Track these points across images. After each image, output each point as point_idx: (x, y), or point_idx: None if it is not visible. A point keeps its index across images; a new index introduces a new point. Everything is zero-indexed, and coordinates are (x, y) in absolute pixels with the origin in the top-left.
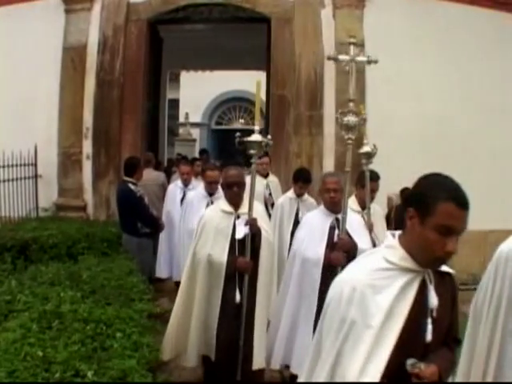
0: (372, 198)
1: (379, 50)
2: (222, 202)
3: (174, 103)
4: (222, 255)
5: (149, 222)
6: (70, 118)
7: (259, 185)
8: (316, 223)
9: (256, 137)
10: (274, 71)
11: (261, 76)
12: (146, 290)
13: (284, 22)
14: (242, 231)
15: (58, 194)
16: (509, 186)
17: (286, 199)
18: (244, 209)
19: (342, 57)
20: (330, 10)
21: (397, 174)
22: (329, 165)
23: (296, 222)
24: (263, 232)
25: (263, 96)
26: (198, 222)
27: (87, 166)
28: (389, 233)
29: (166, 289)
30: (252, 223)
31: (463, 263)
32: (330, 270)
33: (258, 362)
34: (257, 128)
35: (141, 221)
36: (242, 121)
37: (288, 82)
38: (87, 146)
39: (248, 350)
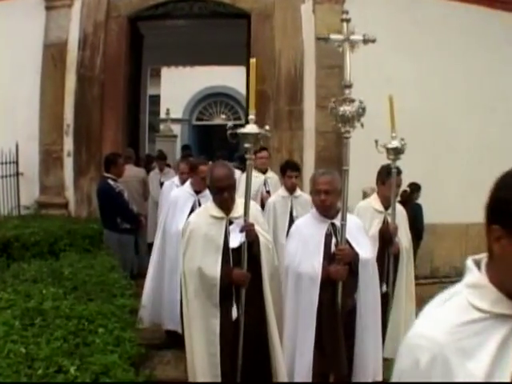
0: (396, 195)
1: (359, 44)
2: (210, 206)
3: (155, 99)
4: (214, 268)
5: (128, 218)
6: (51, 115)
7: (256, 181)
8: (309, 231)
9: (251, 128)
10: (254, 66)
11: (241, 71)
12: (128, 286)
13: (264, 18)
14: (236, 239)
15: (40, 191)
16: (490, 179)
17: (277, 198)
18: (237, 212)
19: (334, 36)
20: (310, 5)
21: (377, 170)
22: (309, 159)
23: (291, 222)
24: (261, 238)
25: (253, 81)
26: (183, 229)
27: (68, 163)
28: (470, 261)
29: None
30: (248, 229)
31: (444, 256)
32: (329, 287)
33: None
34: (252, 117)
35: (120, 216)
36: (223, 116)
37: (268, 77)
38: (68, 143)
39: (266, 367)
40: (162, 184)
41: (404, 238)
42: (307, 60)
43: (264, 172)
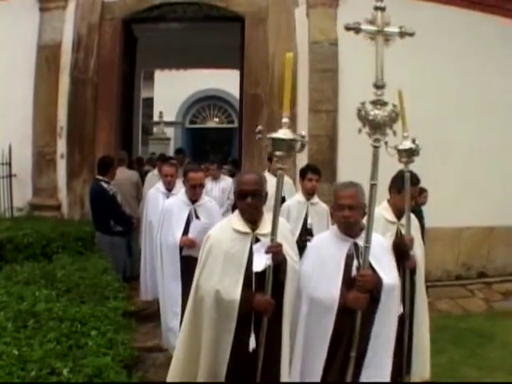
0: (414, 204)
1: (353, 49)
2: (234, 218)
3: (149, 102)
4: (233, 291)
5: (121, 220)
6: (45, 117)
7: (270, 186)
8: (328, 251)
9: (285, 133)
10: (247, 70)
11: (235, 75)
12: (121, 288)
13: (258, 21)
14: (261, 262)
15: (33, 193)
16: (482, 183)
17: (293, 202)
18: (265, 228)
19: (366, 27)
20: (303, 9)
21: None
22: (302, 163)
23: (304, 230)
24: (289, 260)
25: (288, 79)
26: (203, 244)
27: (61, 165)
28: None
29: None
30: (276, 251)
31: (437, 260)
32: (346, 315)
33: None
34: (285, 120)
35: (113, 219)
36: (216, 119)
37: (261, 80)
38: (61, 145)
39: None
40: None
41: (418, 250)
42: (301, 64)
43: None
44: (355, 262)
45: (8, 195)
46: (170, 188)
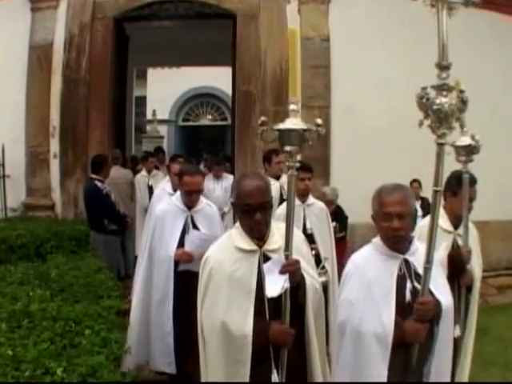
0: (469, 209)
1: (345, 45)
2: (236, 234)
3: (142, 100)
4: (244, 323)
5: (115, 219)
6: (37, 117)
7: (272, 189)
8: (374, 273)
9: (296, 123)
10: (239, 67)
11: (227, 72)
12: (114, 287)
13: (249, 18)
14: (277, 285)
15: (26, 193)
16: (482, 179)
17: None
18: (273, 242)
19: None
20: (295, 6)
21: (364, 169)
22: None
23: (304, 234)
24: (307, 278)
25: (294, 58)
26: (201, 268)
27: (55, 165)
28: None
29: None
30: (293, 271)
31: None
32: (401, 349)
33: None
34: (294, 107)
35: (107, 218)
36: (209, 117)
37: (254, 77)
38: (54, 145)
39: None
40: (150, 188)
41: (476, 264)
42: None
43: (278, 178)
44: (408, 284)
45: (1, 196)
46: (177, 188)
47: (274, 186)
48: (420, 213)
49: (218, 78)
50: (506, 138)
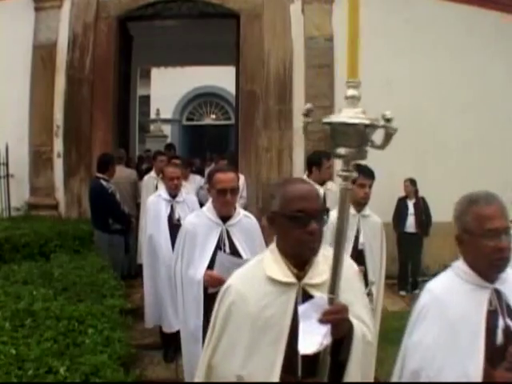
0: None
1: None
2: (269, 261)
3: (145, 100)
4: (268, 380)
5: (120, 219)
6: (41, 116)
7: None
8: (459, 308)
9: (354, 114)
10: (243, 66)
11: (231, 71)
12: (118, 286)
13: (253, 18)
14: (313, 339)
15: (30, 192)
16: (479, 177)
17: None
18: (317, 274)
19: None
20: (299, 5)
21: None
22: (299, 159)
23: (354, 252)
24: (357, 326)
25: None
26: (218, 299)
27: (58, 165)
28: None
29: (138, 284)
30: (338, 321)
31: (435, 255)
32: None
33: None
34: (352, 93)
35: (112, 217)
36: (213, 116)
37: (257, 77)
38: (58, 144)
39: None
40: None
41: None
42: (296, 60)
43: (322, 183)
44: (500, 322)
45: (5, 195)
46: (174, 194)
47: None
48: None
49: (221, 78)
50: (509, 136)
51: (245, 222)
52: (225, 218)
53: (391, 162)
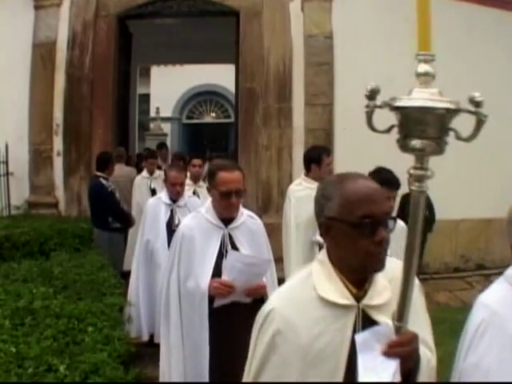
0: None
1: (348, 42)
2: (320, 276)
3: (145, 98)
4: None
5: (119, 217)
6: (41, 114)
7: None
8: None
9: (430, 96)
10: (242, 64)
11: (231, 69)
12: (117, 284)
13: (253, 16)
14: (376, 375)
15: (30, 191)
16: (480, 175)
17: None
18: (378, 294)
19: None
20: (298, 3)
21: (367, 167)
22: (299, 157)
23: None
24: (423, 355)
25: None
26: (258, 322)
27: (58, 163)
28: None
29: None
30: (407, 354)
31: (435, 252)
32: None
33: None
34: (426, 69)
35: (111, 215)
36: (212, 114)
37: (257, 74)
38: (58, 143)
39: None
40: (153, 191)
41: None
42: (296, 57)
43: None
44: None
45: (5, 193)
46: (176, 198)
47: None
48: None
49: (221, 76)
50: (510, 135)
51: (249, 223)
52: (226, 219)
53: (393, 158)
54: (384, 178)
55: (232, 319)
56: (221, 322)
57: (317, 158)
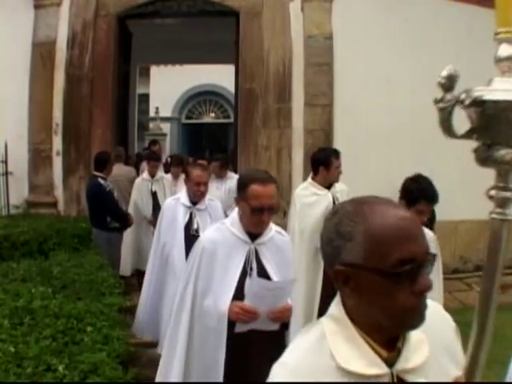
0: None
1: (348, 42)
2: (337, 342)
3: (144, 98)
4: None
5: (118, 217)
6: (40, 114)
7: (321, 201)
8: None
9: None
10: (242, 65)
11: (231, 70)
12: (116, 284)
13: (253, 16)
14: None
15: (29, 190)
16: (478, 176)
17: None
18: (412, 354)
19: None
20: (298, 3)
21: (367, 168)
22: (298, 158)
23: None
24: None
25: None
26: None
27: (57, 162)
28: None
29: (137, 283)
30: None
31: None
32: None
33: None
34: (508, 52)
35: (110, 215)
36: (212, 114)
37: (257, 75)
38: (57, 142)
39: None
40: (154, 194)
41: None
42: (295, 58)
43: (329, 186)
44: None
45: (4, 193)
46: (198, 200)
47: (325, 198)
48: None
49: (220, 76)
50: None
51: (277, 239)
52: (253, 233)
53: (391, 160)
54: (423, 189)
55: (248, 347)
56: (236, 349)
57: (325, 160)
